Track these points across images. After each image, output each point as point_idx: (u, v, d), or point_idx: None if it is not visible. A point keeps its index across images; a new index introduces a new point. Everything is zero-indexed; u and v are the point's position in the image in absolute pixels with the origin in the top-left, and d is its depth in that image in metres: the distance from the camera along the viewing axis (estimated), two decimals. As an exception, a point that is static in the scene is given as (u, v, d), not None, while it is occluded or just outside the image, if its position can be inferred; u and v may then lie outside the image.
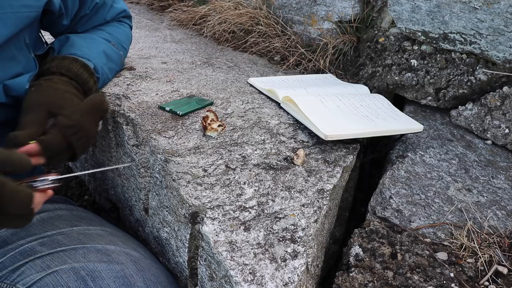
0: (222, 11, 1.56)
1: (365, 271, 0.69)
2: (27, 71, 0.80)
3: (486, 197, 0.87)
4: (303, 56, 1.37)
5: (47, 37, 0.94)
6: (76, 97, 0.78)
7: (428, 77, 1.13)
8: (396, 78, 1.17)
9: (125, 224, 1.02)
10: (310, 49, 1.39)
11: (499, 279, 0.69)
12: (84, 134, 0.74)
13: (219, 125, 0.86)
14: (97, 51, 0.94)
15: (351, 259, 0.71)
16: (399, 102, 1.22)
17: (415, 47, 1.17)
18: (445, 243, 0.75)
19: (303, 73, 1.34)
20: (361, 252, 0.72)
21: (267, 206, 0.71)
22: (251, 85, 1.13)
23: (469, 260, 0.72)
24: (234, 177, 0.76)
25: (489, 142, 1.05)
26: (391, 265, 0.70)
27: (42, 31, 0.94)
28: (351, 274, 0.68)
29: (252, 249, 0.63)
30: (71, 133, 0.72)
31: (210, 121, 0.86)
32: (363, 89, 1.13)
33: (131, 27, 1.14)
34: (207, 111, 0.88)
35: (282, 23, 1.47)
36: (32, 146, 0.68)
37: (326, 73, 1.31)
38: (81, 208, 0.92)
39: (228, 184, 0.74)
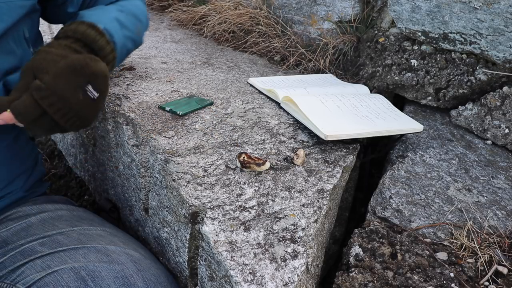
0: (222, 11, 1.56)
1: (365, 271, 0.69)
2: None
3: (486, 197, 0.87)
4: (303, 56, 1.37)
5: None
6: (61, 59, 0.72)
7: (428, 77, 1.13)
8: (396, 78, 1.17)
9: (125, 224, 1.02)
10: (310, 49, 1.39)
11: (499, 279, 0.69)
12: (58, 98, 0.69)
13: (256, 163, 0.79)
14: (108, 17, 0.87)
15: (351, 259, 0.71)
16: (399, 102, 1.22)
17: (415, 47, 1.17)
18: (445, 243, 0.75)
19: (303, 73, 1.34)
20: (361, 252, 0.72)
21: (267, 206, 0.71)
22: (251, 85, 1.13)
23: (469, 260, 0.72)
24: (234, 177, 0.76)
25: (489, 142, 1.05)
26: (391, 265, 0.70)
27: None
28: (351, 274, 0.68)
29: (252, 249, 0.63)
30: (40, 96, 0.68)
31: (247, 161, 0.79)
32: (363, 89, 1.13)
33: (144, 2, 1.06)
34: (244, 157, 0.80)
35: (282, 23, 1.47)
36: (6, 113, 0.69)
37: (326, 73, 1.31)
38: (81, 209, 0.92)
39: (228, 184, 0.74)
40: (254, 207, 0.70)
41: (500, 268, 0.70)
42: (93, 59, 0.72)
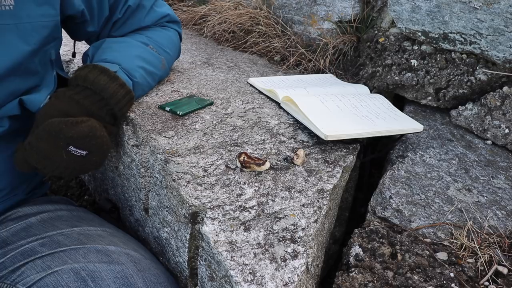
0: (222, 11, 1.56)
1: (365, 271, 0.69)
2: (45, 84, 0.80)
3: (486, 197, 0.87)
4: (303, 56, 1.37)
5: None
6: (60, 114, 0.75)
7: (428, 77, 1.13)
8: (396, 78, 1.17)
9: (125, 224, 1.02)
10: (310, 49, 1.39)
11: (499, 279, 0.69)
12: (42, 158, 0.73)
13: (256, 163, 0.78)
14: (129, 54, 0.90)
15: (351, 259, 0.71)
16: (399, 102, 1.22)
17: (415, 47, 1.17)
18: (445, 243, 0.75)
19: (303, 73, 1.34)
20: (361, 252, 0.72)
21: (267, 206, 0.71)
22: (251, 85, 1.13)
23: (469, 260, 0.72)
24: (234, 177, 0.76)
25: (489, 142, 1.05)
26: (391, 265, 0.70)
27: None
28: (351, 274, 0.68)
29: (252, 249, 0.63)
30: (26, 155, 0.74)
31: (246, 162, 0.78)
32: (363, 89, 1.13)
33: (179, 33, 1.09)
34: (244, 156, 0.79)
35: (282, 23, 1.47)
36: None
37: (326, 73, 1.31)
38: (81, 209, 0.92)
39: (228, 184, 0.74)
40: (254, 207, 0.70)
41: (500, 268, 0.70)
42: (69, 123, 0.72)
